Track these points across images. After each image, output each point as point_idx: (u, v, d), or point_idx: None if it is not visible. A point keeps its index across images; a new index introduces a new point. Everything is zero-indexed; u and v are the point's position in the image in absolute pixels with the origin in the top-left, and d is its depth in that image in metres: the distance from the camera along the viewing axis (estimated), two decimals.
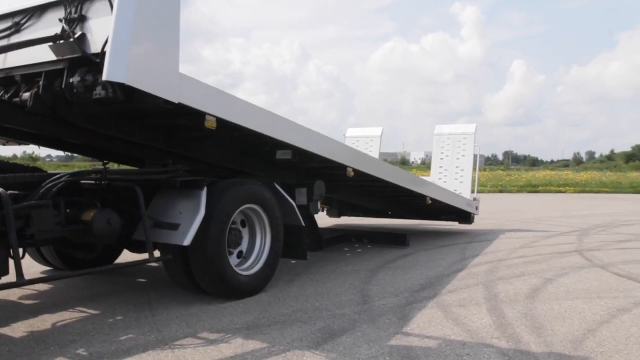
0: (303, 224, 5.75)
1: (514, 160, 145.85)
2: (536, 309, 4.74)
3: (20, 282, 3.47)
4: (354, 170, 6.54)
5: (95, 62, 3.94)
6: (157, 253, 4.70)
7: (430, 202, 8.58)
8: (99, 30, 4.00)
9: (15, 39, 4.52)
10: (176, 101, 4.14)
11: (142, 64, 3.89)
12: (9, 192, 3.87)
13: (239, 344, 3.78)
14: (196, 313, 4.55)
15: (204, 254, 4.66)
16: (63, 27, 4.11)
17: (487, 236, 9.76)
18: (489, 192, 25.78)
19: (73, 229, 4.07)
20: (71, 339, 3.87)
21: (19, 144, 5.91)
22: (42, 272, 5.93)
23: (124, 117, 4.70)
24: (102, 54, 3.84)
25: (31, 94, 4.24)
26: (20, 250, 4.19)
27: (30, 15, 4.48)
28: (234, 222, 5.11)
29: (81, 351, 3.64)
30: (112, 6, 3.88)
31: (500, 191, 26.80)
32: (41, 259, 5.66)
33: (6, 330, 4.07)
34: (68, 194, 4.14)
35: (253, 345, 3.77)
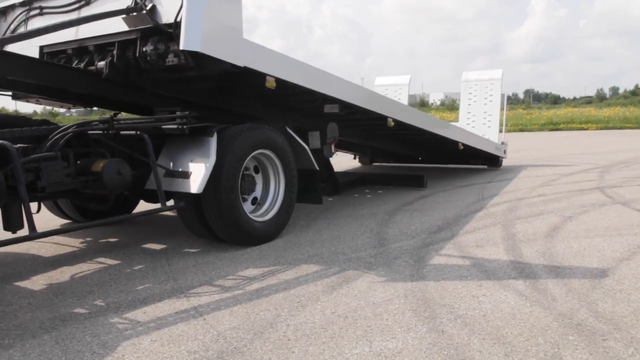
0: (317, 168, 5.69)
1: (535, 98, 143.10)
2: (555, 247, 4.68)
3: (33, 235, 3.47)
4: (394, 120, 6.96)
5: (167, 32, 4.32)
6: (171, 202, 4.71)
7: (462, 147, 8.88)
8: (169, 1, 4.35)
9: (85, 11, 4.85)
10: (242, 65, 4.57)
11: (213, 32, 4.31)
12: (18, 145, 3.87)
13: (253, 291, 3.78)
14: (212, 261, 4.57)
15: (217, 201, 4.63)
16: (134, 0, 4.44)
17: (506, 175, 9.64)
18: (509, 131, 25.30)
19: (83, 180, 4.05)
20: (89, 290, 3.91)
21: (85, 107, 6.48)
22: (61, 225, 5.99)
23: (186, 80, 5.02)
24: (175, 24, 4.26)
25: (106, 62, 4.64)
26: (35, 205, 4.20)
27: None
28: (246, 169, 5.06)
29: (99, 302, 3.67)
30: None
31: (521, 130, 26.42)
32: (59, 211, 5.70)
33: (26, 284, 4.12)
34: (77, 145, 4.11)
35: (267, 291, 3.77)
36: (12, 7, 5.65)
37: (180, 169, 4.60)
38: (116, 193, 4.44)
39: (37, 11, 5.43)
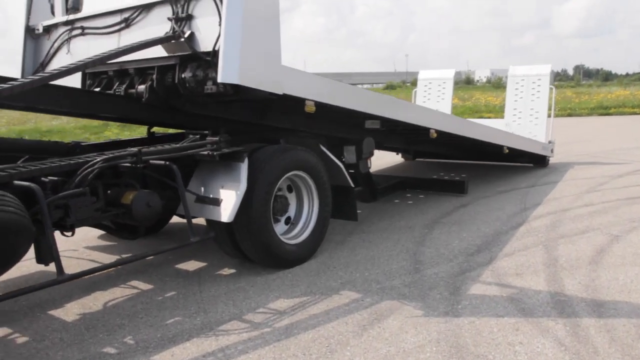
0: (352, 185, 5.57)
1: (586, 74, 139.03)
2: (599, 278, 4.47)
3: (60, 279, 3.49)
4: (437, 131, 6.91)
5: (205, 59, 4.40)
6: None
7: (507, 151, 8.71)
8: (207, 28, 4.44)
9: (125, 34, 5.08)
10: (281, 93, 4.58)
11: (251, 62, 4.31)
12: (49, 178, 3.87)
13: (283, 329, 3.72)
14: (244, 287, 4.52)
15: (249, 227, 4.58)
16: (172, 27, 4.57)
17: (551, 177, 9.32)
18: (556, 116, 24.56)
19: (113, 214, 4.04)
20: (120, 323, 3.91)
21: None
22: (99, 237, 6.06)
23: (225, 102, 5.05)
24: (213, 53, 4.32)
25: (146, 87, 4.78)
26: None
27: (138, 12, 4.97)
28: (279, 189, 4.98)
29: (128, 339, 3.67)
30: (217, 6, 4.30)
31: (569, 115, 25.57)
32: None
33: (60, 313, 4.16)
34: (106, 175, 4.09)
35: (297, 330, 3.70)
36: (55, 26, 5.85)
37: (211, 195, 4.55)
38: (146, 225, 4.43)
39: (79, 31, 5.60)
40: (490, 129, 8.45)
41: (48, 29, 5.98)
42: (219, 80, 4.19)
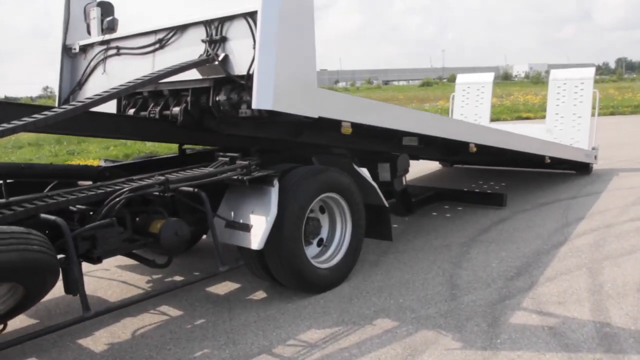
0: (387, 206, 5.40)
1: (629, 67, 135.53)
2: None
3: (86, 316, 3.43)
4: (477, 145, 6.78)
5: (240, 83, 4.36)
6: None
7: (549, 160, 8.52)
8: (241, 51, 4.39)
9: (159, 54, 5.09)
10: (316, 116, 4.51)
11: (286, 87, 4.21)
12: (77, 207, 3.83)
13: None
14: (274, 315, 4.41)
15: (279, 253, 4.46)
16: (206, 50, 4.55)
17: (594, 186, 8.99)
18: (597, 115, 23.94)
19: (141, 244, 3.98)
20: (148, 355, 3.85)
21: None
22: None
23: (260, 123, 4.98)
24: (247, 76, 4.27)
25: (180, 109, 4.78)
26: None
27: (173, 32, 4.97)
28: (311, 210, 4.85)
29: None
30: (251, 28, 4.27)
31: (612, 113, 24.82)
32: None
33: (88, 342, 4.11)
34: (135, 203, 4.03)
35: None
36: (92, 45, 5.90)
37: (241, 220, 4.45)
38: (175, 255, 4.36)
39: (114, 51, 5.63)
40: (531, 139, 8.20)
41: (84, 49, 6.04)
42: (253, 106, 4.14)
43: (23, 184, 4.30)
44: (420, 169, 10.87)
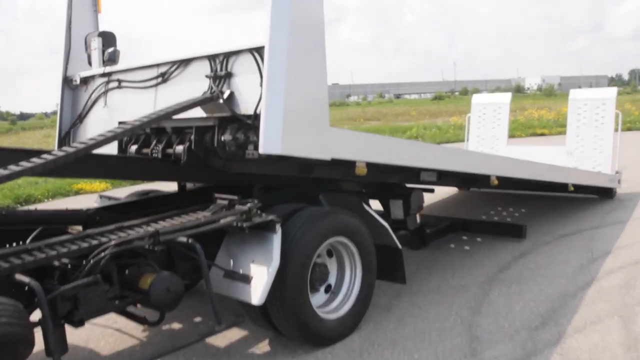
0: (399, 247, 5.02)
1: None
2: None
3: None
4: (498, 177, 6.43)
5: (246, 122, 4.08)
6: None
7: (572, 188, 8.21)
8: (247, 88, 4.10)
9: (162, 88, 4.84)
10: (329, 158, 4.20)
11: (296, 129, 3.88)
12: (59, 262, 3.49)
13: None
14: None
15: (282, 304, 4.09)
16: (210, 86, 4.27)
17: (618, 213, 8.54)
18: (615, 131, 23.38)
19: (129, 301, 3.62)
20: None
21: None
22: None
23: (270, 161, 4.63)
24: (254, 116, 3.98)
25: (184, 148, 4.49)
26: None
27: (176, 66, 4.71)
28: (318, 256, 4.48)
29: None
30: (258, 64, 3.97)
31: (629, 129, 24.24)
32: None
33: None
34: (122, 256, 3.67)
35: None
36: (93, 77, 5.67)
37: (240, 270, 4.09)
38: (168, 311, 3.99)
39: (115, 83, 5.38)
40: (555, 168, 7.85)
41: (85, 80, 5.83)
42: (260, 151, 3.82)
43: (3, 232, 3.99)
44: (437, 194, 10.46)
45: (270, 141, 3.81)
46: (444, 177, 6.05)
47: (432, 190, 6.81)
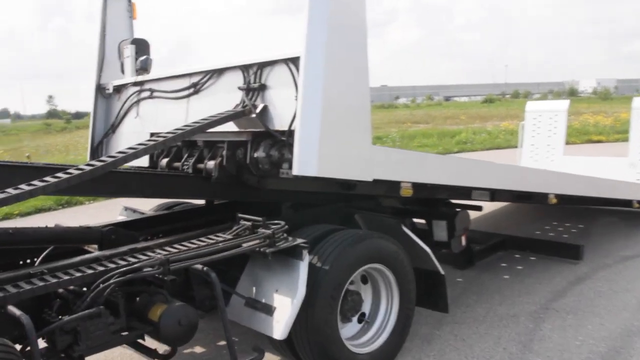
0: (442, 273, 4.55)
1: None
2: None
3: None
4: (556, 195, 5.97)
5: (280, 139, 3.80)
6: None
7: (637, 205, 7.57)
8: (282, 102, 3.82)
9: (194, 99, 4.63)
10: (370, 179, 3.89)
11: (334, 149, 3.60)
12: (60, 291, 3.18)
13: None
14: None
15: (309, 338, 3.70)
16: (243, 99, 4.02)
17: None
18: None
19: (137, 335, 3.28)
20: None
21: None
22: None
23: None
24: (288, 132, 3.69)
25: (215, 164, 4.20)
26: None
27: (208, 77, 4.49)
28: (351, 282, 4.06)
29: None
30: (293, 76, 3.68)
31: None
32: None
33: None
34: (130, 283, 3.33)
35: None
36: (125, 86, 5.46)
37: (263, 300, 3.70)
38: (179, 345, 3.63)
39: (147, 93, 5.17)
40: (619, 183, 7.24)
41: (118, 89, 5.62)
42: (294, 172, 3.54)
43: (12, 251, 3.71)
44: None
45: (305, 162, 3.51)
46: (497, 194, 5.55)
47: (479, 208, 6.28)
